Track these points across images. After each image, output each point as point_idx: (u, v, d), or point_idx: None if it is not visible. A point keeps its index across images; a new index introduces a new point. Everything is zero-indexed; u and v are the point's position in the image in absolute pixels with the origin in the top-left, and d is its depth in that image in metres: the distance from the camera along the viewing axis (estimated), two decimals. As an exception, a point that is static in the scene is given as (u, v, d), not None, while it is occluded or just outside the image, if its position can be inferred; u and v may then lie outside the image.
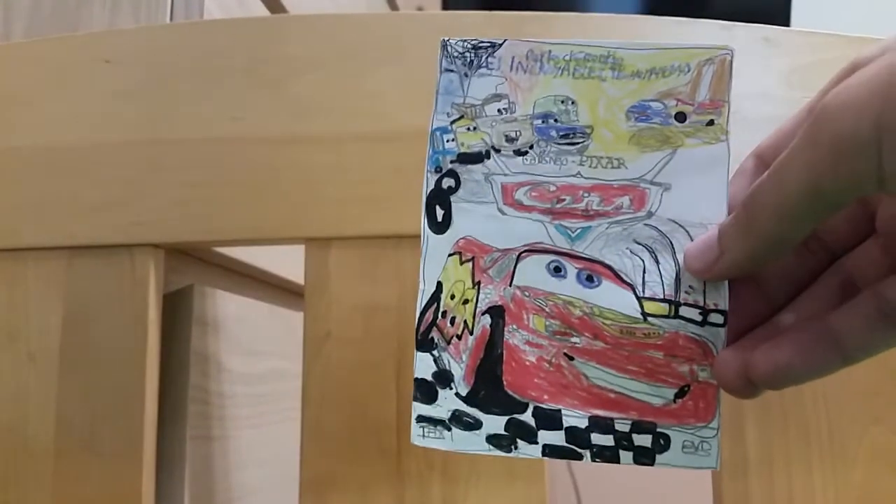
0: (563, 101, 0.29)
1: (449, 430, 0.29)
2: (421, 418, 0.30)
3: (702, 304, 0.28)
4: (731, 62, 0.29)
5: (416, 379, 0.30)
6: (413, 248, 0.32)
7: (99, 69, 0.44)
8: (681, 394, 0.28)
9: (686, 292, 0.28)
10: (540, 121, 0.30)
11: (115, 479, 0.41)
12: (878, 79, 0.22)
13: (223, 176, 0.42)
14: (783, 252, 0.26)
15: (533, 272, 0.30)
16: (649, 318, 0.29)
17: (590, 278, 0.29)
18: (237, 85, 0.43)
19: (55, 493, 0.41)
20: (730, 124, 0.29)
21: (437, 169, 0.30)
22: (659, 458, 0.28)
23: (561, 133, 0.29)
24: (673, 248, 0.29)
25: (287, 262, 0.65)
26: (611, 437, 0.29)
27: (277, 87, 0.43)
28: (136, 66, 0.44)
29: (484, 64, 0.30)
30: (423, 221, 0.30)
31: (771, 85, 0.30)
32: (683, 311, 0.28)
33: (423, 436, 0.30)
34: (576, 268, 0.29)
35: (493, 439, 0.29)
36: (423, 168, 0.31)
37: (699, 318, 0.28)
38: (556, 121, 0.29)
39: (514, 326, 0.29)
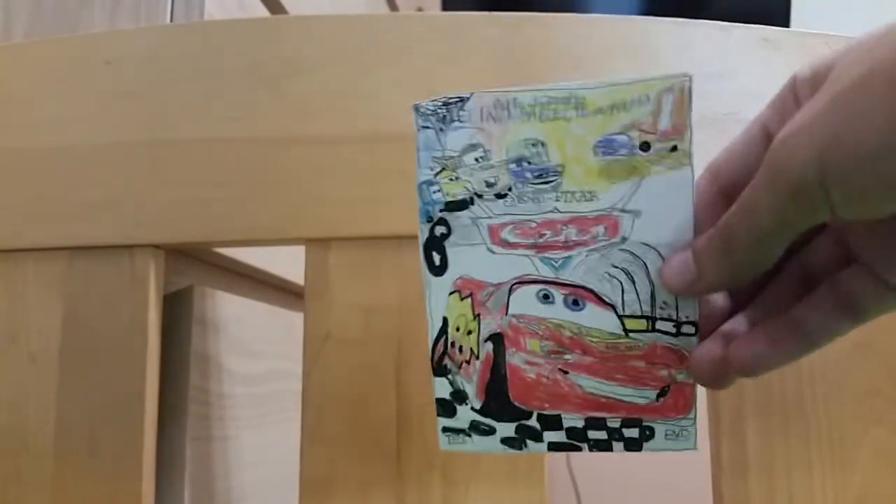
0: (533, 144, 0.31)
1: (469, 436, 0.34)
2: (445, 429, 0.34)
3: (675, 317, 0.31)
4: (690, 88, 0.29)
5: (437, 399, 0.34)
6: (413, 248, 0.33)
7: (99, 70, 0.44)
8: (662, 394, 0.32)
9: (661, 308, 0.31)
10: (514, 164, 0.32)
11: (115, 479, 0.41)
12: (818, 121, 0.24)
13: (223, 176, 0.42)
14: (759, 272, 0.29)
15: (525, 301, 0.32)
16: (630, 334, 0.32)
17: (575, 302, 0.32)
18: (237, 85, 0.43)
19: (55, 494, 0.41)
20: (692, 147, 0.30)
21: (429, 219, 0.33)
22: (646, 445, 0.33)
23: (535, 174, 0.31)
24: (647, 268, 0.31)
25: (287, 263, 0.65)
26: (604, 432, 0.33)
27: (277, 87, 0.43)
28: (136, 66, 0.44)
29: (456, 118, 0.32)
30: (423, 267, 0.33)
31: (771, 86, 0.31)
32: (659, 324, 0.31)
33: (449, 442, 0.34)
34: (562, 294, 0.32)
35: (506, 441, 0.34)
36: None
37: (673, 331, 0.31)
38: (529, 163, 0.31)
39: (514, 350, 0.33)
